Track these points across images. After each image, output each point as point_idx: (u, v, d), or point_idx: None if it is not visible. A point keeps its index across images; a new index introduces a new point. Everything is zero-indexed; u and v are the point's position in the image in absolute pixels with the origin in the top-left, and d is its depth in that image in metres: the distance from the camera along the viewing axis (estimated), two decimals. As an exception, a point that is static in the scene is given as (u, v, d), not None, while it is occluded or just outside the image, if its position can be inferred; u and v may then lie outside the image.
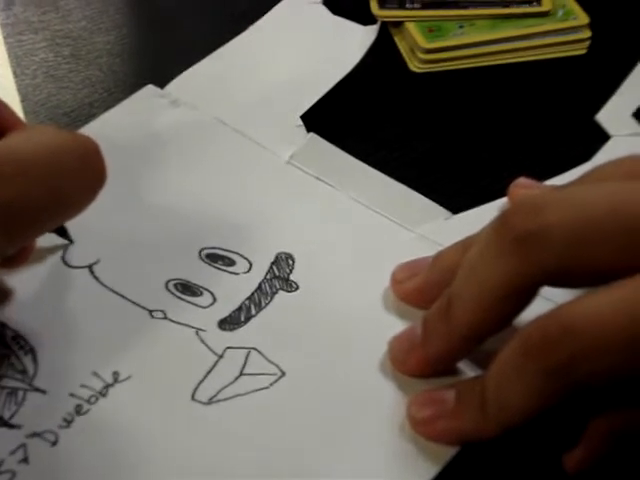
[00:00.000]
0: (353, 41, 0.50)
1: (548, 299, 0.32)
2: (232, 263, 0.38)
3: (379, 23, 0.51)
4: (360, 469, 0.32)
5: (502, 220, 0.31)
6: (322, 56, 0.49)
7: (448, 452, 0.32)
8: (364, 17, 0.51)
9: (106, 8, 0.51)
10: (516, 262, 0.30)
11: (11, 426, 0.32)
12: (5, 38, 0.48)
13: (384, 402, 0.34)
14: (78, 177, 0.31)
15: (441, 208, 0.41)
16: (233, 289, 0.37)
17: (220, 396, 0.34)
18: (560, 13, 0.52)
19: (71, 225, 0.38)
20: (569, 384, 0.29)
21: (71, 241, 0.38)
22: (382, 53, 0.50)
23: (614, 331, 0.28)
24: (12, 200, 0.28)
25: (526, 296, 0.31)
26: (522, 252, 0.30)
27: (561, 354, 0.28)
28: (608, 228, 0.29)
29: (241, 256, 0.39)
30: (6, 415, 0.32)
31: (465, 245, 0.35)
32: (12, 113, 0.34)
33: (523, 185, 0.41)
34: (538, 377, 0.29)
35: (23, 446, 0.31)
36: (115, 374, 0.34)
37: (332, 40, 0.50)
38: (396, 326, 0.36)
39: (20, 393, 0.33)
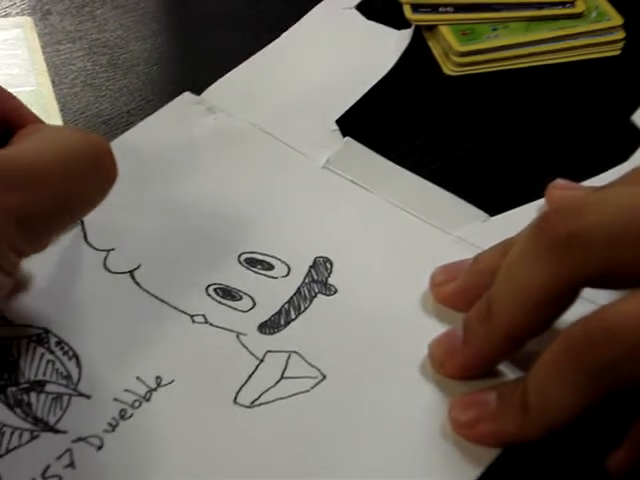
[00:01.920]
0: (387, 45, 0.50)
1: (589, 301, 0.32)
2: (271, 267, 0.39)
3: (413, 27, 0.51)
4: (402, 472, 0.32)
5: (542, 222, 0.31)
6: (356, 61, 0.49)
7: (490, 454, 0.32)
8: (398, 21, 0.51)
9: (142, 16, 0.52)
10: (557, 265, 0.30)
11: (57, 431, 0.32)
12: (43, 48, 0.49)
13: (425, 405, 0.34)
14: (91, 178, 0.31)
15: (478, 210, 0.41)
16: (272, 293, 0.38)
17: (262, 399, 0.34)
18: (594, 14, 0.52)
19: (112, 231, 0.39)
20: (612, 385, 0.29)
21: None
22: (416, 57, 0.50)
23: None
24: (28, 205, 0.29)
25: (567, 298, 0.31)
26: (563, 254, 0.30)
27: (605, 355, 0.28)
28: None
29: (279, 260, 0.39)
30: (52, 421, 0.33)
31: (504, 247, 0.35)
32: (24, 108, 0.34)
33: (560, 186, 0.41)
34: (581, 378, 0.29)
35: (69, 451, 0.32)
36: (158, 379, 0.34)
37: (366, 45, 0.50)
38: (435, 329, 0.36)
39: (65, 398, 0.33)
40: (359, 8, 0.52)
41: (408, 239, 0.40)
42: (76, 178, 0.30)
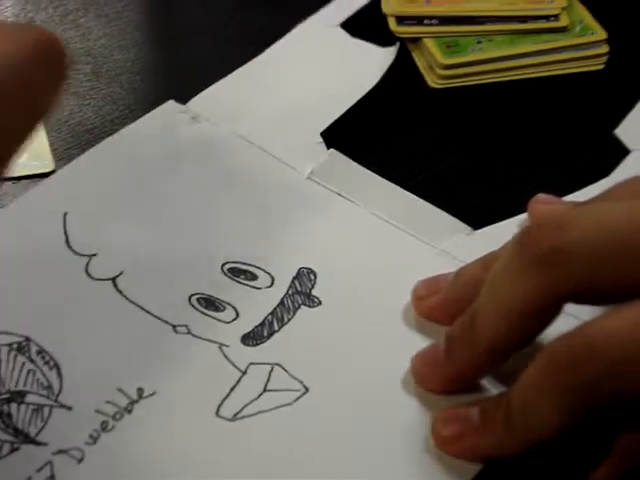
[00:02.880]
0: (372, 63, 0.50)
1: (573, 316, 0.32)
2: (254, 277, 0.38)
3: (398, 45, 0.51)
4: (384, 486, 0.32)
5: (524, 237, 0.31)
6: (343, 74, 0.49)
7: (472, 469, 0.32)
8: (383, 35, 0.51)
9: (126, 25, 0.52)
10: (539, 279, 0.30)
11: (37, 443, 0.32)
12: (27, 56, 0.48)
13: (407, 419, 0.34)
14: (47, 68, 0.29)
15: (462, 224, 0.41)
16: (256, 304, 0.37)
17: (244, 412, 0.34)
18: (578, 28, 0.52)
19: (94, 236, 0.38)
20: (595, 401, 0.29)
21: None
22: (401, 70, 0.50)
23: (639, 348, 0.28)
24: None
25: (550, 313, 0.31)
26: (545, 269, 0.30)
27: (587, 372, 0.28)
28: (632, 244, 0.29)
29: (263, 270, 0.39)
30: (32, 432, 0.32)
31: (487, 261, 0.35)
32: None
33: (543, 201, 0.41)
34: (564, 395, 0.29)
35: (49, 463, 0.31)
36: (140, 390, 0.34)
37: (352, 61, 0.50)
38: (418, 343, 0.36)
39: (46, 409, 0.33)
40: (344, 26, 0.52)
41: (392, 251, 0.40)
42: (30, 76, 0.28)
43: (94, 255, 0.38)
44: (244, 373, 0.35)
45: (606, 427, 0.31)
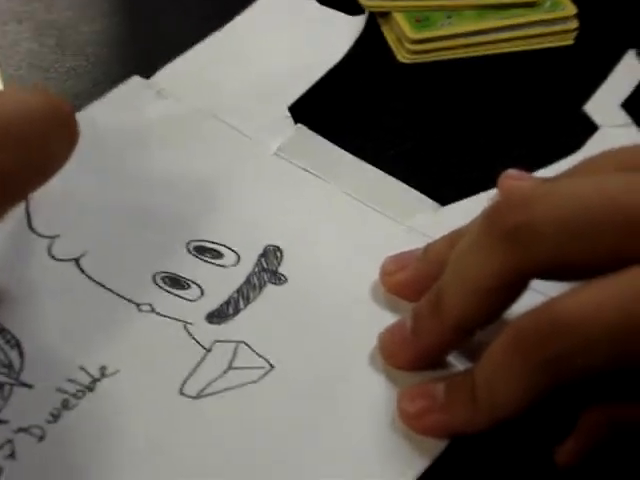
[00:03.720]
0: (340, 31, 0.49)
1: (539, 292, 0.32)
2: (220, 256, 0.38)
3: (366, 13, 0.51)
4: (350, 463, 0.32)
5: (491, 213, 0.31)
6: (309, 47, 0.48)
7: (438, 446, 0.32)
8: (351, 8, 0.51)
9: (91, -3, 0.51)
10: (505, 255, 0.30)
11: (-2, 421, 0.32)
12: (-11, 28, 0.48)
13: (374, 396, 0.34)
14: (53, 140, 0.30)
15: (430, 200, 0.41)
16: (221, 282, 0.37)
17: (209, 390, 0.33)
18: (548, 4, 0.51)
19: (57, 218, 0.38)
20: (561, 377, 0.29)
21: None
22: (369, 44, 0.50)
23: (606, 325, 0.27)
24: None
25: (516, 289, 0.31)
26: (511, 245, 0.29)
27: (552, 348, 0.28)
28: (600, 220, 0.29)
29: (229, 249, 0.38)
30: (-8, 410, 0.32)
31: (454, 237, 0.35)
32: None
33: (512, 176, 0.41)
34: (529, 371, 0.29)
35: (10, 442, 0.31)
36: (102, 368, 0.34)
37: (319, 30, 0.50)
38: (386, 319, 0.36)
39: (6, 388, 0.33)
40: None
41: (359, 228, 0.40)
42: (38, 139, 0.29)
43: (57, 236, 0.38)
44: (209, 351, 0.35)
45: (571, 402, 0.31)
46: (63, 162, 0.31)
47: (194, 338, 0.35)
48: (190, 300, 0.36)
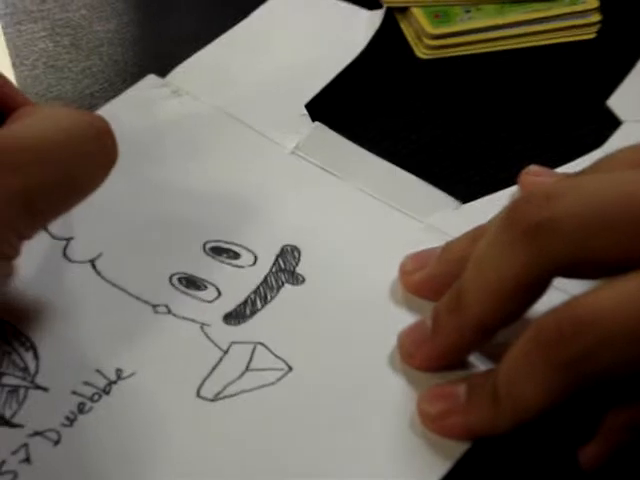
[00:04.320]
0: (358, 27, 0.49)
1: (561, 290, 0.31)
2: (237, 256, 0.38)
3: (384, 8, 0.50)
4: (370, 466, 0.31)
5: (512, 210, 0.30)
6: (327, 43, 0.48)
7: (460, 448, 0.31)
8: (369, 3, 0.50)
9: (106, -4, 0.50)
10: (527, 254, 0.29)
11: (13, 425, 0.31)
12: (4, 28, 0.47)
13: (394, 397, 0.33)
14: (92, 158, 0.30)
15: (450, 197, 0.40)
16: (238, 283, 0.37)
17: (226, 392, 0.33)
18: (569, -3, 0.51)
19: (72, 219, 0.38)
20: (584, 378, 0.28)
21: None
22: (388, 40, 0.49)
23: (629, 324, 0.27)
24: (31, 187, 0.28)
25: (538, 288, 0.30)
26: (533, 243, 0.29)
27: (575, 348, 0.27)
28: (621, 217, 0.28)
29: (246, 249, 0.38)
30: (7, 414, 0.32)
31: (475, 235, 0.34)
32: (17, 91, 0.33)
33: (534, 173, 0.40)
34: (552, 372, 0.28)
35: (25, 446, 0.31)
36: (118, 371, 0.33)
37: (337, 26, 0.49)
38: (405, 319, 0.35)
39: (22, 391, 0.32)
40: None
41: (378, 227, 0.39)
42: (78, 158, 0.30)
43: (72, 238, 0.38)
44: (226, 352, 0.34)
45: (594, 404, 0.31)
46: (101, 180, 0.31)
47: (211, 339, 0.35)
48: (207, 301, 0.36)
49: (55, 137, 0.29)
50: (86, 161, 0.30)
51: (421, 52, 0.49)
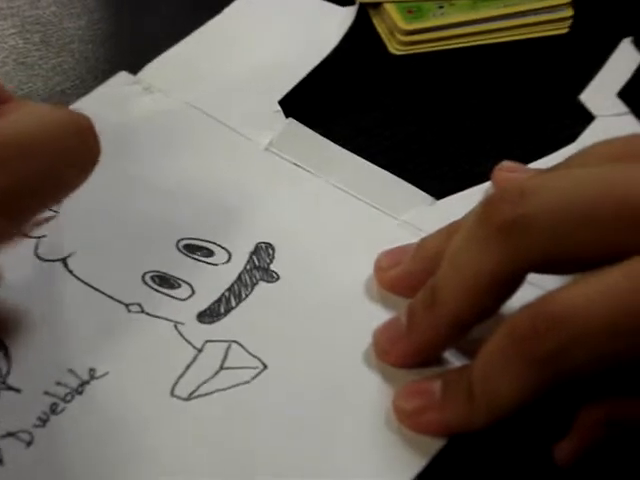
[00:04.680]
0: (331, 23, 0.49)
1: (535, 285, 0.31)
2: (211, 254, 0.37)
3: (357, 5, 0.50)
4: (345, 463, 0.31)
5: (486, 207, 0.30)
6: (299, 39, 0.48)
7: (435, 444, 0.31)
8: (343, 3, 0.50)
9: (76, -8, 0.50)
10: (501, 250, 0.29)
11: (-16, 427, 0.31)
12: (-27, 25, 0.47)
13: (369, 394, 0.33)
14: (75, 155, 0.30)
15: (424, 194, 0.40)
16: (212, 280, 0.36)
17: (200, 391, 0.33)
18: (541, -9, 0.51)
19: (44, 217, 0.37)
20: (558, 374, 0.28)
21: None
22: (361, 35, 0.49)
23: (601, 320, 0.27)
24: (11, 184, 0.27)
25: (512, 284, 0.30)
26: (507, 240, 0.29)
27: (550, 345, 0.27)
28: (597, 212, 0.28)
29: (220, 246, 0.38)
30: (-21, 415, 0.31)
31: (449, 232, 0.34)
32: (1, 87, 0.33)
33: (507, 168, 0.40)
34: (526, 367, 0.28)
35: (-3, 447, 0.30)
36: (91, 371, 0.33)
37: (310, 22, 0.49)
38: (380, 315, 0.35)
39: (-7, 392, 0.32)
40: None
41: (352, 223, 0.39)
42: (61, 155, 0.29)
43: (43, 236, 0.37)
44: (200, 351, 0.34)
45: (569, 400, 0.31)
46: (84, 178, 0.31)
47: (185, 338, 0.34)
48: (180, 299, 0.36)
49: (38, 133, 0.28)
50: (69, 158, 0.30)
51: (394, 48, 0.49)
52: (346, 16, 0.49)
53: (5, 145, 0.27)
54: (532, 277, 0.30)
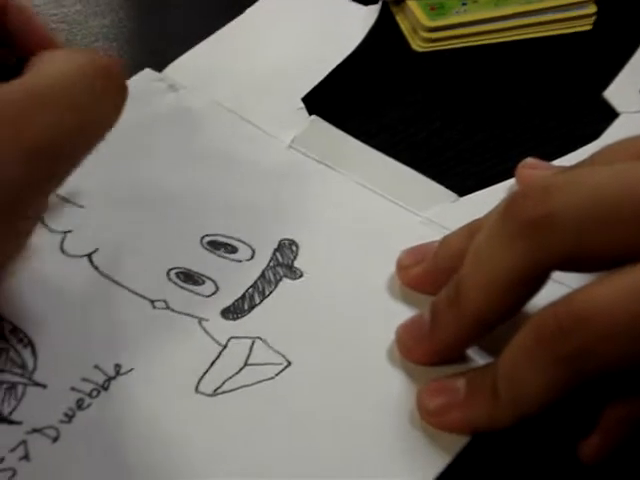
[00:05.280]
0: (354, 21, 0.49)
1: (559, 282, 0.31)
2: (235, 250, 0.38)
3: (380, 2, 0.50)
4: (368, 460, 0.31)
5: (511, 204, 0.30)
6: (323, 37, 0.48)
7: (459, 442, 0.31)
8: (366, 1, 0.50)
9: (101, -9, 0.50)
10: (526, 248, 0.29)
11: (11, 422, 0.31)
12: (-2, 23, 0.47)
13: (392, 391, 0.33)
14: (105, 99, 0.30)
15: (447, 190, 0.40)
16: (236, 277, 0.37)
17: (225, 387, 0.33)
18: (565, -12, 0.51)
19: (69, 213, 0.37)
20: (583, 372, 0.28)
21: None
22: (384, 33, 0.49)
23: (627, 319, 0.27)
24: (47, 136, 0.27)
25: (537, 282, 0.30)
26: (533, 237, 0.29)
27: (575, 343, 0.27)
28: (621, 210, 0.28)
29: (244, 243, 0.38)
30: (5, 411, 0.31)
31: (472, 229, 0.34)
32: (43, 28, 0.33)
33: (531, 165, 0.40)
34: (552, 366, 0.28)
35: (23, 443, 0.31)
36: (117, 367, 0.33)
37: (333, 21, 0.49)
38: (403, 313, 0.35)
39: (20, 388, 0.32)
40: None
41: (375, 220, 0.39)
42: (90, 98, 0.29)
43: (69, 232, 0.37)
44: (224, 347, 0.34)
45: (594, 397, 0.31)
46: (113, 121, 0.31)
47: (209, 334, 0.34)
48: (205, 296, 0.36)
49: (65, 81, 0.28)
50: (98, 101, 0.29)
51: (417, 45, 0.49)
52: (369, 13, 0.49)
53: (35, 96, 0.28)
54: (556, 275, 0.30)
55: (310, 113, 0.43)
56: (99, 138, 0.30)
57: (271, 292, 0.36)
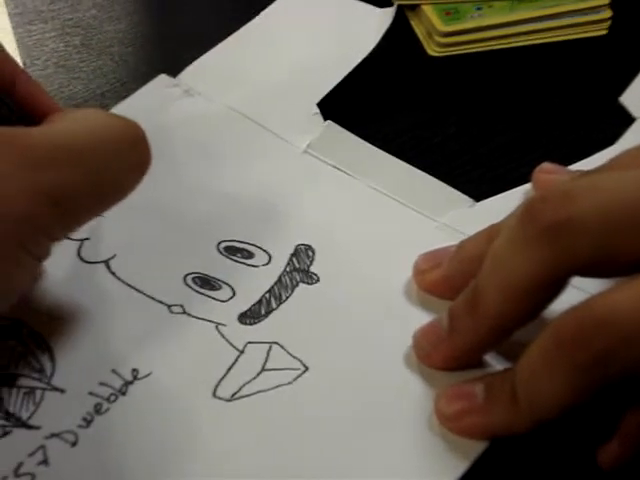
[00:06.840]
0: (369, 25, 0.49)
1: (578, 288, 0.31)
2: (251, 256, 0.38)
3: (395, 6, 0.50)
4: (387, 465, 0.31)
5: (529, 209, 0.30)
6: (338, 41, 0.48)
7: (478, 447, 0.31)
8: (379, 1, 0.50)
9: (116, -4, 0.50)
10: (546, 253, 0.29)
11: (29, 427, 0.31)
12: (14, 28, 0.47)
13: (410, 396, 0.33)
14: (124, 162, 0.30)
15: (463, 196, 0.40)
16: (253, 282, 0.37)
17: (242, 392, 0.33)
18: (580, -7, 0.51)
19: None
20: (603, 378, 0.28)
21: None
22: (399, 37, 0.49)
23: None
24: (61, 186, 0.28)
25: (556, 287, 0.30)
26: (552, 243, 0.29)
27: (595, 348, 0.27)
28: (640, 214, 0.28)
29: (260, 248, 0.38)
30: (24, 416, 0.31)
31: (489, 234, 0.34)
32: (49, 97, 0.34)
33: (547, 170, 0.40)
34: (571, 371, 0.28)
35: (42, 447, 0.31)
36: (134, 371, 0.33)
37: (348, 24, 0.49)
38: (420, 318, 0.35)
39: (38, 393, 0.32)
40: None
41: (391, 225, 0.39)
42: (110, 160, 0.29)
43: (86, 239, 0.38)
44: (242, 352, 0.34)
45: (613, 403, 0.31)
46: (134, 185, 0.31)
47: (226, 339, 0.34)
48: (221, 301, 0.36)
49: (87, 139, 0.29)
50: (118, 165, 0.30)
51: (432, 50, 0.49)
52: (384, 18, 0.49)
53: (54, 148, 0.28)
54: (575, 280, 0.30)
55: (325, 118, 0.43)
56: (114, 200, 0.31)
57: (288, 297, 0.36)
